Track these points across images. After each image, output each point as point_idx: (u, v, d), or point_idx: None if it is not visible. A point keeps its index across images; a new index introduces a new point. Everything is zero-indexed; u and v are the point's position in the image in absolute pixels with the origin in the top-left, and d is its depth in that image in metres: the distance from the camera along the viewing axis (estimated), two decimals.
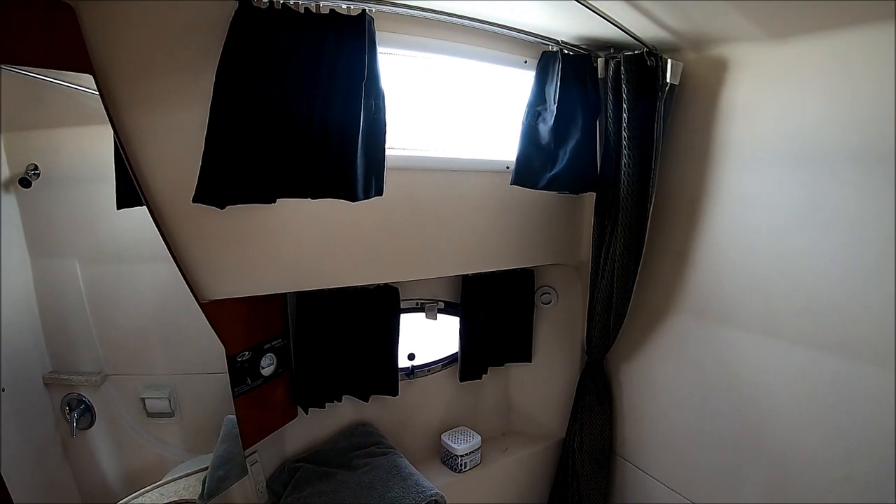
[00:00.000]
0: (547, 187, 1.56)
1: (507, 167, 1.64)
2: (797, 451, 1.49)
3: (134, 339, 1.21)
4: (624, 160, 1.57)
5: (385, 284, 1.77)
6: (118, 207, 1.08)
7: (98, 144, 1.00)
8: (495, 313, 2.03)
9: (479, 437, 2.01)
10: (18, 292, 1.03)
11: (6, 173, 0.99)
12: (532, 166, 1.56)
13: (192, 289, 1.27)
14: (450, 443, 1.97)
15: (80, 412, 1.12)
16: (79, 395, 1.11)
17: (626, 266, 1.70)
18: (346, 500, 1.60)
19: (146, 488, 1.27)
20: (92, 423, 1.14)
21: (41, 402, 1.07)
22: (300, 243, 1.46)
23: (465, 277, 1.96)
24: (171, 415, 1.28)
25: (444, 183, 1.66)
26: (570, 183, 1.60)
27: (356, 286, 1.72)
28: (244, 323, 1.50)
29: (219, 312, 1.39)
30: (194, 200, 1.12)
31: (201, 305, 1.31)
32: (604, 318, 1.84)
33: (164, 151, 1.15)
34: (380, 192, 1.30)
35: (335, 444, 1.80)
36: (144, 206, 1.08)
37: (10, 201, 1.00)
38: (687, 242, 1.70)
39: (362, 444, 1.80)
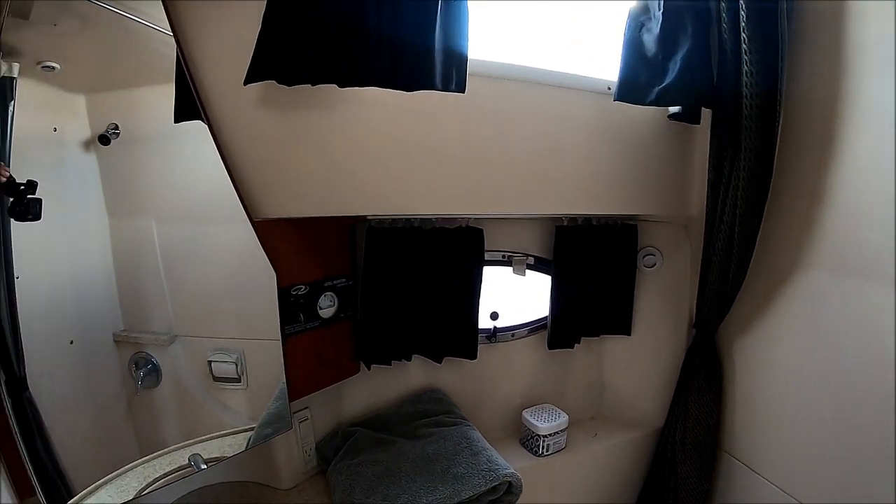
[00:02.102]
0: (656, 102, 1.32)
1: (609, 87, 1.40)
2: None
3: (205, 302, 1.15)
4: (745, 67, 1.28)
5: (468, 225, 1.45)
6: (176, 121, 1.02)
7: (172, 101, 0.98)
8: (592, 274, 1.66)
9: (567, 417, 1.65)
10: (95, 250, 1.03)
11: (88, 133, 0.98)
12: (638, 80, 1.33)
13: (244, 205, 1.10)
14: (532, 420, 1.62)
15: (147, 371, 1.09)
16: (147, 354, 1.09)
17: (751, 203, 1.38)
18: (404, 472, 1.31)
19: (189, 441, 1.15)
20: (157, 383, 1.10)
21: (110, 359, 1.06)
22: (368, 159, 1.20)
23: (559, 228, 1.61)
24: (237, 380, 1.19)
25: (538, 99, 1.36)
26: (682, 96, 1.36)
27: (435, 224, 1.42)
28: (303, 252, 1.26)
29: (273, 234, 1.18)
30: (248, 80, 0.98)
31: (253, 224, 1.12)
32: (720, 279, 1.51)
33: (221, 48, 1.03)
34: (461, 88, 1.12)
35: (399, 410, 1.51)
36: (202, 122, 1.01)
37: (91, 160, 0.99)
38: (821, 175, 1.34)
39: (430, 412, 1.50)
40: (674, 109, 1.51)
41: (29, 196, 0.89)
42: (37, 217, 0.90)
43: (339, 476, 1.34)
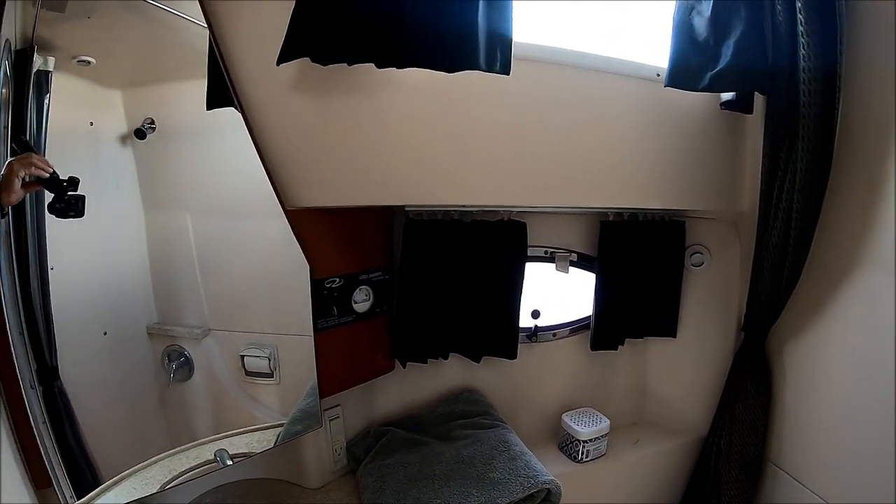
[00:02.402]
0: (709, 88, 1.25)
1: (658, 74, 1.32)
2: None
3: (239, 296, 1.16)
4: (802, 50, 1.21)
5: (510, 218, 1.36)
6: (208, 108, 1.00)
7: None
8: (638, 273, 1.56)
9: (608, 422, 1.56)
10: (130, 243, 1.03)
11: (124, 127, 0.98)
12: (689, 65, 1.26)
13: (277, 193, 1.06)
14: (572, 424, 1.53)
15: (180, 364, 1.09)
16: (180, 347, 1.09)
17: (809, 197, 1.29)
18: (437, 475, 1.25)
19: (216, 436, 1.13)
20: (189, 376, 1.11)
21: (143, 351, 1.06)
22: (406, 147, 1.13)
23: (603, 224, 1.52)
24: (269, 375, 1.17)
25: (584, 86, 1.28)
26: (737, 81, 1.27)
27: (476, 217, 1.34)
28: (337, 243, 1.20)
29: (307, 225, 1.13)
30: (281, 59, 0.93)
31: (287, 214, 1.08)
32: (772, 279, 1.41)
33: (253, 31, 0.99)
34: (505, 69, 1.05)
35: (434, 410, 1.44)
36: (235, 109, 0.99)
37: (127, 154, 0.99)
38: (881, 165, 1.24)
39: (466, 413, 1.42)
40: (727, 97, 1.42)
41: (70, 193, 0.88)
42: (79, 214, 0.90)
43: (370, 477, 1.28)
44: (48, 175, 0.85)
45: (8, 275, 0.85)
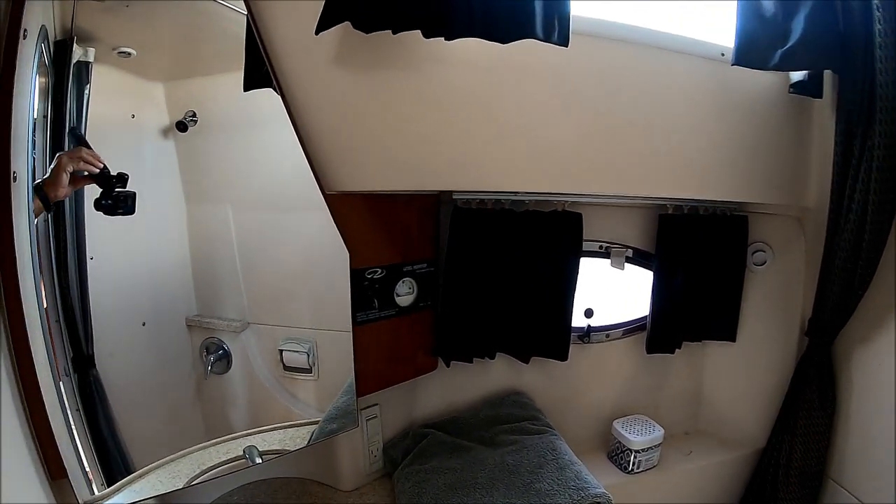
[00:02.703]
0: (779, 66, 1.17)
1: (722, 54, 1.24)
2: None
3: (279, 290, 1.13)
4: (877, 25, 1.12)
5: (565, 209, 1.25)
6: (245, 89, 0.98)
7: (252, 91, 0.97)
8: (697, 271, 1.44)
9: (662, 431, 1.44)
10: (171, 235, 1.03)
11: (166, 120, 0.98)
12: (757, 42, 1.17)
13: (317, 176, 1.01)
14: (623, 432, 1.42)
15: (218, 357, 1.08)
16: (218, 339, 1.08)
17: (887, 188, 1.17)
18: (479, 483, 1.16)
19: (248, 431, 1.10)
20: (227, 369, 1.10)
21: (181, 342, 1.06)
22: (454, 128, 1.05)
23: (662, 217, 1.40)
24: (308, 370, 1.13)
25: (646, 64, 1.19)
26: (808, 58, 1.19)
27: (528, 207, 1.24)
28: (381, 231, 1.12)
29: (347, 210, 1.06)
30: (321, 26, 0.87)
31: (327, 198, 1.03)
32: (843, 279, 1.30)
33: (291, 3, 0.93)
34: (564, 40, 0.97)
35: (478, 413, 1.34)
36: (274, 90, 0.96)
37: (168, 146, 0.99)
38: None
39: (512, 418, 1.32)
40: (797, 77, 1.30)
41: (118, 190, 0.87)
42: (129, 212, 0.89)
43: (407, 482, 1.20)
44: (98, 171, 0.84)
45: (46, 263, 0.84)
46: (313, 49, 0.93)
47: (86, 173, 0.84)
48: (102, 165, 0.85)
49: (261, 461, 1.05)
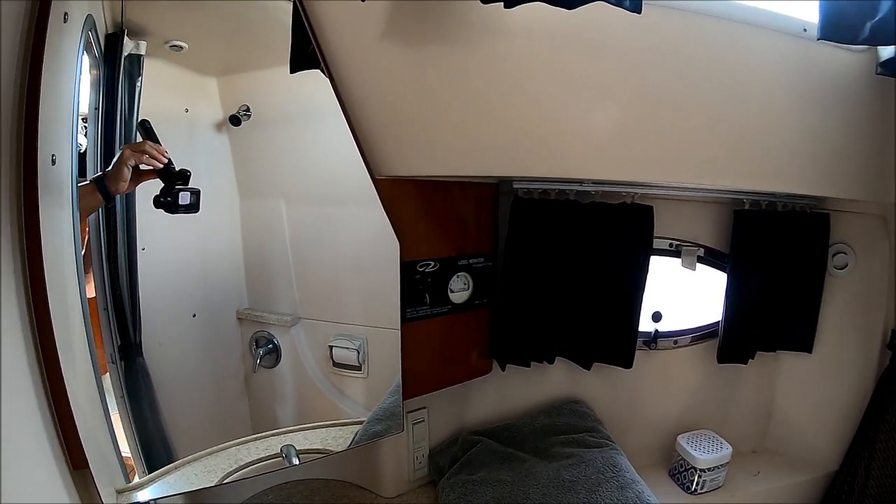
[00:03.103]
0: (870, 40, 1.04)
1: (805, 29, 1.10)
2: None
3: (331, 285, 1.11)
4: None
5: (634, 201, 1.14)
6: (292, 71, 0.95)
7: (305, 84, 0.95)
8: (774, 274, 1.30)
9: (730, 449, 1.31)
10: (224, 228, 1.03)
11: (219, 114, 0.98)
12: (845, 14, 1.04)
13: (366, 160, 0.96)
14: (689, 449, 1.30)
15: (267, 350, 1.07)
16: (268, 333, 1.07)
17: None
18: (531, 499, 1.07)
19: (289, 428, 1.06)
20: (276, 363, 1.08)
21: (231, 335, 1.05)
22: (515, 107, 0.94)
23: (737, 213, 1.26)
24: (357, 368, 1.09)
25: (721, 39, 1.05)
26: None
27: (594, 198, 1.13)
28: (434, 221, 1.04)
29: (399, 197, 1.00)
30: None
31: (377, 184, 0.98)
32: None
33: None
34: (636, 6, 0.85)
35: (533, 421, 1.24)
36: (322, 72, 0.92)
37: (222, 140, 0.99)
38: None
39: (570, 428, 1.22)
40: (887, 55, 1.15)
41: (179, 187, 0.86)
42: (192, 209, 0.89)
43: (452, 493, 1.11)
44: (161, 165, 0.83)
45: (95, 252, 0.85)
46: (361, 21, 0.86)
47: (150, 168, 0.83)
48: (167, 160, 0.84)
49: (298, 462, 1.00)
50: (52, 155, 0.71)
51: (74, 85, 0.77)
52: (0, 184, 0.63)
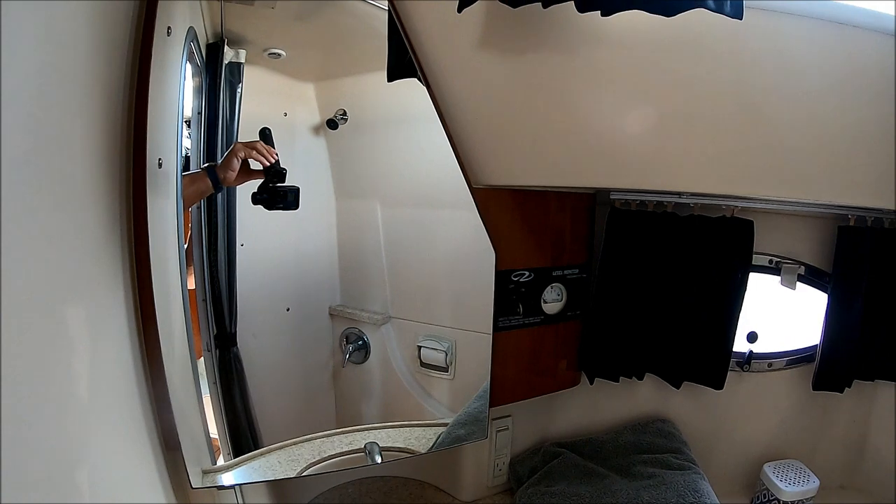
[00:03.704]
0: None
1: None
2: None
3: (423, 286, 1.13)
4: None
5: (734, 215, 1.08)
6: (389, 79, 0.97)
7: (401, 89, 0.97)
8: (879, 297, 1.20)
9: (817, 483, 1.23)
10: (320, 227, 1.06)
11: (317, 118, 1.01)
12: None
13: (463, 170, 0.97)
14: (774, 479, 1.22)
15: (356, 347, 1.10)
16: (359, 330, 1.09)
17: None
18: None
19: (375, 425, 1.08)
20: (364, 360, 1.11)
21: (323, 330, 1.08)
22: (612, 117, 0.91)
23: (842, 230, 1.17)
24: (444, 369, 1.09)
25: (822, 41, 0.95)
26: None
27: (693, 211, 1.09)
28: (530, 231, 1.04)
29: (496, 206, 1.00)
30: (462, 4, 0.79)
31: (473, 193, 0.99)
32: None
33: None
34: (737, 12, 0.80)
35: (617, 438, 1.21)
36: (418, 80, 0.93)
37: (320, 143, 1.03)
38: None
39: (655, 447, 1.18)
40: None
41: (277, 184, 0.90)
42: (290, 206, 0.92)
43: (529, 502, 1.09)
44: (269, 164, 0.88)
45: (197, 246, 0.90)
46: (457, 31, 0.86)
47: (258, 167, 0.88)
48: (272, 162, 0.88)
49: (380, 460, 1.00)
50: (159, 159, 0.76)
51: (179, 93, 0.81)
52: (110, 186, 0.69)
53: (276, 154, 0.88)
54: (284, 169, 0.90)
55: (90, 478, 0.63)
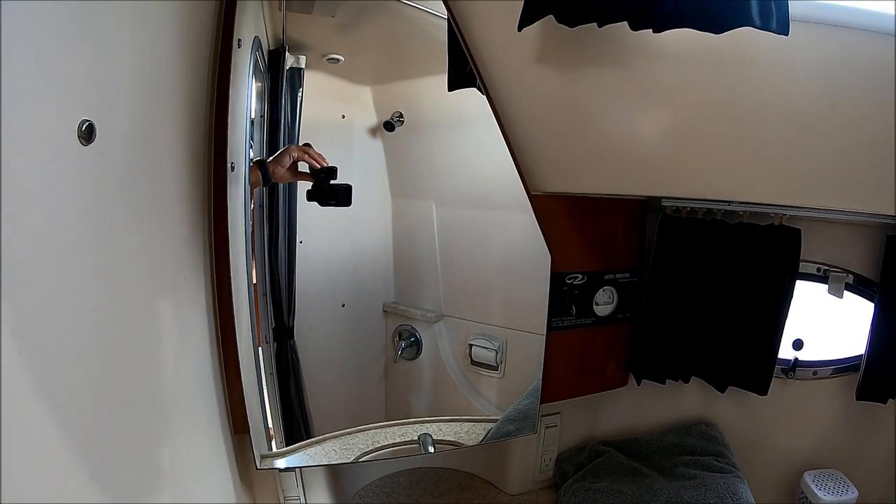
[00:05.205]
0: None
1: None
2: None
3: (476, 286, 1.16)
4: None
5: (782, 223, 1.10)
6: (450, 89, 1.00)
7: (457, 93, 0.99)
8: None
9: (856, 494, 1.23)
10: (376, 226, 1.10)
11: (374, 120, 1.05)
12: None
13: (522, 177, 1.01)
14: (813, 487, 1.23)
15: (409, 343, 1.14)
16: (411, 327, 1.13)
17: None
18: None
19: (426, 418, 1.12)
20: (416, 356, 1.15)
21: (376, 326, 1.13)
22: (665, 127, 0.95)
23: (891, 239, 1.17)
24: (494, 368, 1.13)
25: (874, 54, 0.93)
26: None
27: (742, 219, 1.11)
28: (584, 236, 1.08)
29: (551, 213, 1.04)
30: (522, 22, 0.81)
31: (531, 199, 1.02)
32: None
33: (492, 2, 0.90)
34: (784, 28, 0.83)
35: (661, 439, 1.23)
36: (478, 90, 0.96)
37: (376, 144, 1.06)
38: None
39: (697, 450, 1.20)
40: None
41: (332, 182, 0.93)
42: (343, 203, 0.95)
43: (573, 497, 1.14)
44: (318, 167, 0.91)
45: (259, 244, 0.94)
46: (516, 47, 0.90)
47: (306, 170, 0.92)
48: (322, 166, 0.92)
49: (433, 450, 1.05)
50: (231, 163, 0.83)
51: (247, 101, 0.86)
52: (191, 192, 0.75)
53: (326, 161, 0.93)
54: (335, 167, 0.93)
55: (171, 455, 0.69)
